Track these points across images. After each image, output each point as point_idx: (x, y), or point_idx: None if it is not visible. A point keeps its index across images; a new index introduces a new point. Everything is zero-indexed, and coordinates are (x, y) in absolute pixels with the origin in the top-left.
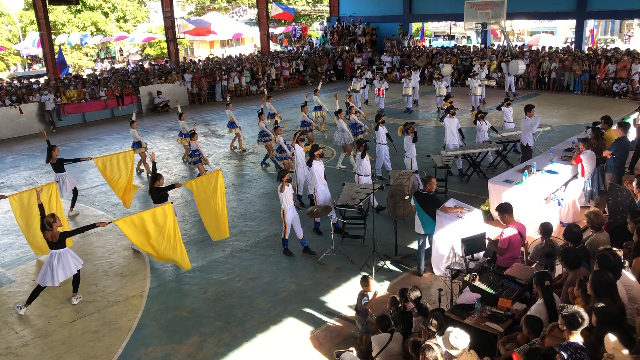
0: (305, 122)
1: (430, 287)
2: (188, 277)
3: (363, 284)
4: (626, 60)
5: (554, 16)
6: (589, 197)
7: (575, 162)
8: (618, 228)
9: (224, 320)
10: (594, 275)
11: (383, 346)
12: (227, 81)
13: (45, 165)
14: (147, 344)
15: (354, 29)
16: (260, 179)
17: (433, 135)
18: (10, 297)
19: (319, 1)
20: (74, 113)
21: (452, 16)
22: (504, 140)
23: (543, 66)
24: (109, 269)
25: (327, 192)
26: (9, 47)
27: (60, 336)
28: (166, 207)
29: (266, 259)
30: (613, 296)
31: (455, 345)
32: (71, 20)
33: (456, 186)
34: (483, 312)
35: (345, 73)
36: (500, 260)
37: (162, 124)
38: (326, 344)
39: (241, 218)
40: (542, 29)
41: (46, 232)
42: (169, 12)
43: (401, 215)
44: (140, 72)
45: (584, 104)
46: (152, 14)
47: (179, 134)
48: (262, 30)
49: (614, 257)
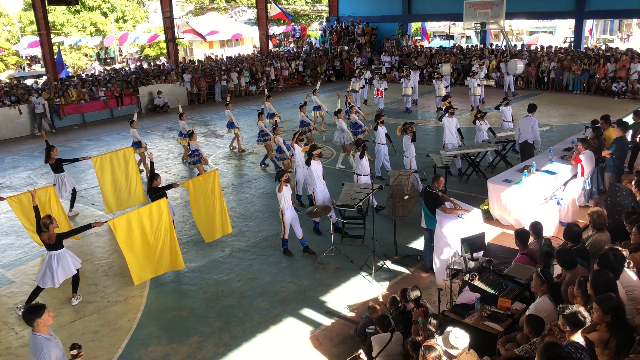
0: (304, 122)
1: (430, 287)
2: (188, 277)
3: (371, 311)
4: (625, 60)
5: (553, 16)
6: (588, 196)
7: (575, 162)
8: (616, 228)
9: (223, 321)
10: (594, 275)
11: (383, 346)
12: (226, 81)
13: (45, 166)
14: (147, 344)
15: (353, 29)
16: (260, 179)
17: (432, 135)
18: (10, 297)
19: (318, 1)
20: (73, 113)
21: (451, 16)
22: (503, 140)
23: (542, 66)
24: (108, 269)
25: (326, 191)
26: (8, 48)
27: (60, 336)
28: (161, 202)
29: (266, 259)
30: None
31: (455, 345)
32: (70, 20)
33: (456, 186)
34: (483, 312)
35: (344, 73)
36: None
37: (162, 124)
38: (326, 344)
39: (241, 218)
40: (541, 29)
41: (42, 234)
42: (168, 13)
43: (401, 215)
44: (139, 73)
45: (583, 104)
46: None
47: (179, 134)
48: (262, 30)
49: (614, 257)
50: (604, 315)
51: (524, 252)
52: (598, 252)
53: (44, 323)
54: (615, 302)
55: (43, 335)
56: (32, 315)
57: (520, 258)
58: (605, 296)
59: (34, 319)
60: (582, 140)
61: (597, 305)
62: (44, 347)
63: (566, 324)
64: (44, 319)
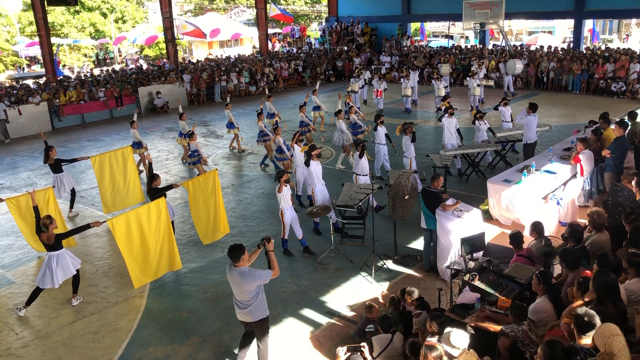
0: (303, 122)
1: (430, 287)
2: (188, 277)
3: (369, 310)
4: (624, 60)
5: (552, 16)
6: (588, 196)
7: (574, 162)
8: (616, 228)
9: (224, 321)
10: (596, 277)
11: (384, 347)
12: (226, 82)
13: (45, 166)
14: (147, 345)
15: (352, 29)
16: (260, 180)
17: (432, 135)
18: (10, 298)
19: (318, 1)
20: (72, 114)
21: (450, 16)
22: (502, 140)
23: (541, 66)
24: (108, 269)
25: (326, 192)
26: (7, 48)
27: (60, 337)
28: (160, 201)
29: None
30: (616, 297)
31: (455, 344)
32: (70, 21)
33: (455, 186)
34: (483, 312)
35: (344, 73)
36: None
37: (161, 124)
38: (326, 344)
39: (241, 218)
40: (541, 29)
41: (42, 235)
42: (168, 13)
43: (401, 215)
44: (139, 73)
45: (582, 104)
46: (151, 14)
47: (179, 134)
48: (261, 30)
49: (614, 257)
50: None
51: (520, 253)
52: (598, 252)
53: (245, 259)
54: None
55: (245, 267)
56: (239, 253)
57: (516, 260)
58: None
59: (240, 256)
60: (581, 139)
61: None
62: (253, 270)
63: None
64: (246, 256)
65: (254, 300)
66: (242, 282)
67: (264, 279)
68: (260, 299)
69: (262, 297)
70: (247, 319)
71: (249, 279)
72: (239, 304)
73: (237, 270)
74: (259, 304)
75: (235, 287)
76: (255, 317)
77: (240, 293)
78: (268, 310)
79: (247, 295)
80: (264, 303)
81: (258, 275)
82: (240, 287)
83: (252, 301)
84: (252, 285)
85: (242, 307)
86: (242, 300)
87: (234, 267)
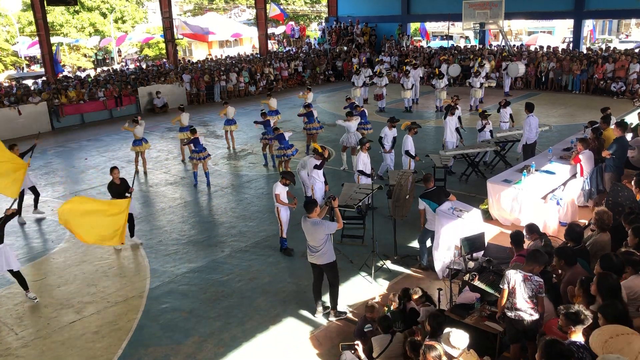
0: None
1: (430, 287)
2: (188, 277)
3: (370, 310)
4: (624, 60)
5: (552, 16)
6: (588, 196)
7: (574, 162)
8: (616, 228)
9: (223, 321)
10: (599, 278)
11: (384, 347)
12: (225, 82)
13: (43, 166)
14: (147, 345)
15: (352, 29)
16: (260, 180)
17: (432, 135)
18: (9, 298)
19: (317, 1)
20: (72, 114)
21: (450, 16)
22: (502, 140)
23: (541, 66)
24: (108, 269)
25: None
26: (7, 48)
27: (60, 337)
28: (124, 202)
29: (265, 259)
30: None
31: (455, 345)
32: (69, 21)
33: (455, 186)
34: (483, 312)
35: (343, 73)
36: None
37: (161, 124)
38: (326, 344)
39: (240, 218)
40: (540, 29)
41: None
42: (167, 13)
43: (401, 215)
44: (139, 73)
45: (582, 104)
46: (150, 14)
47: (179, 130)
48: (261, 30)
49: (617, 258)
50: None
51: (520, 253)
52: (599, 252)
53: (317, 211)
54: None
55: (317, 218)
56: (313, 205)
57: (516, 259)
58: (610, 303)
59: (313, 208)
60: (581, 139)
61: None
62: (323, 221)
63: (568, 323)
64: (318, 209)
65: (323, 246)
66: (314, 230)
67: (332, 229)
68: (328, 246)
69: (329, 245)
70: (318, 261)
71: (320, 227)
72: (312, 248)
73: (310, 220)
74: (328, 250)
75: (308, 234)
76: (324, 261)
77: (312, 239)
78: (335, 256)
79: (318, 241)
80: (331, 250)
81: (327, 225)
82: (313, 235)
83: (322, 247)
84: (322, 233)
85: (314, 251)
86: (314, 245)
87: (308, 218)
